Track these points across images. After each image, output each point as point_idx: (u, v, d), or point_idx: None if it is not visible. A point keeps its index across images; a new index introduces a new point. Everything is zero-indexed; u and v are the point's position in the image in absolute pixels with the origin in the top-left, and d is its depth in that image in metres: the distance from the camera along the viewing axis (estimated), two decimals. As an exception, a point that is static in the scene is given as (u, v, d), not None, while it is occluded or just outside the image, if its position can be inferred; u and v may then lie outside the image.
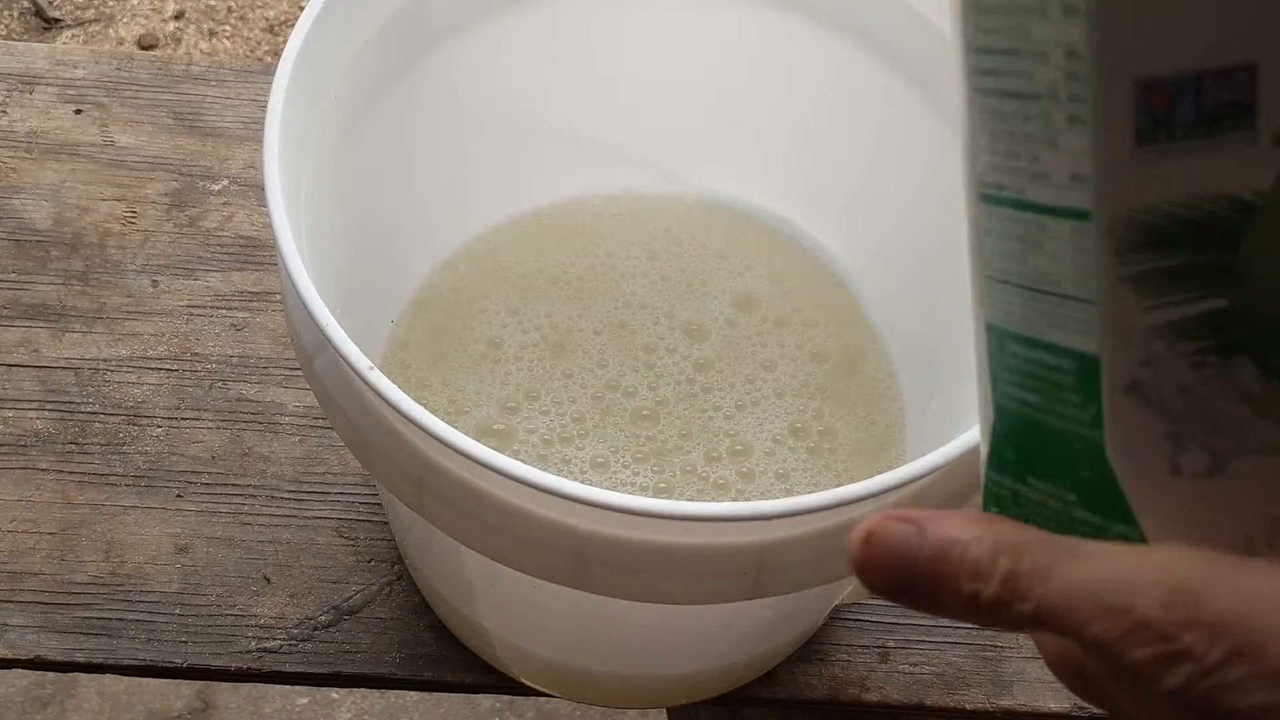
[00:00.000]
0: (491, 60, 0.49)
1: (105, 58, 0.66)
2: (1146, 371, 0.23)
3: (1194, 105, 0.21)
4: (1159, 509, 0.24)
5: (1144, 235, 0.22)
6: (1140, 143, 0.21)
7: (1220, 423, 0.23)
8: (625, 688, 0.52)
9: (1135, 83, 0.21)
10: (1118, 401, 0.23)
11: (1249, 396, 0.23)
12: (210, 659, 0.51)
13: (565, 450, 0.48)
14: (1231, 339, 0.22)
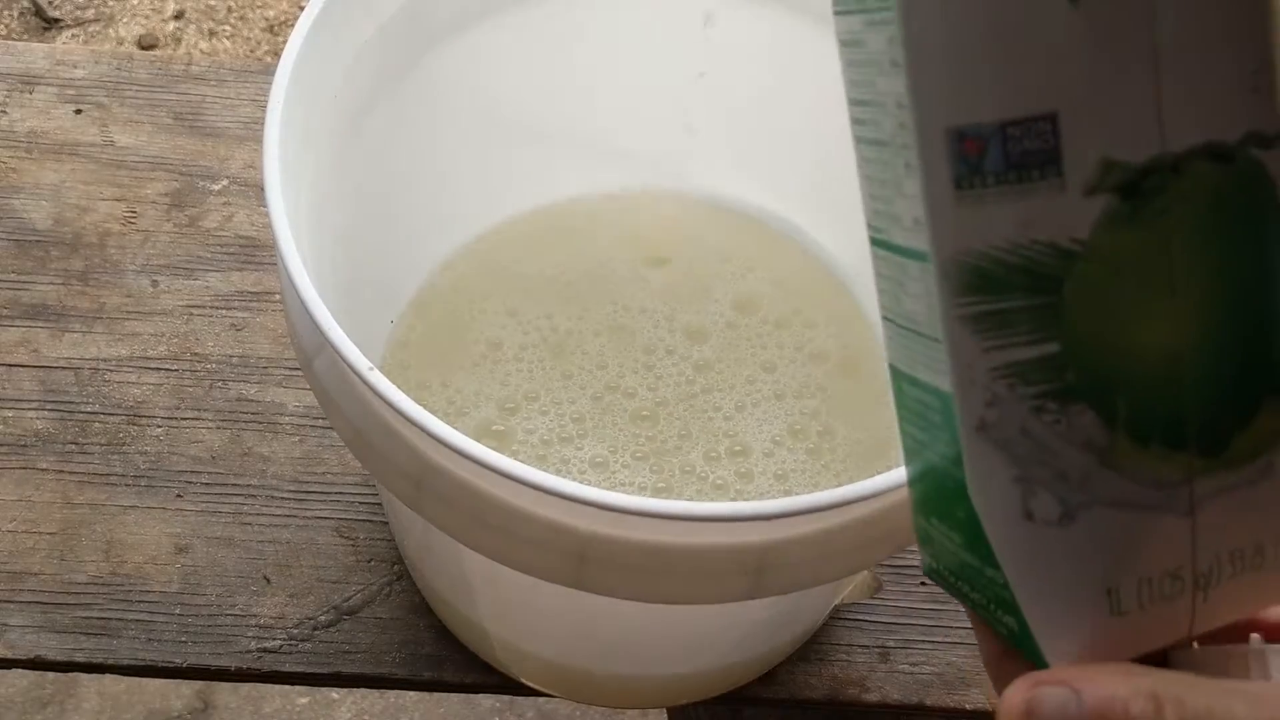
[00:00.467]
0: (492, 60, 0.49)
1: (105, 58, 0.66)
2: (992, 412, 0.23)
3: (1002, 153, 0.21)
4: (1017, 555, 0.24)
5: (974, 277, 0.22)
6: (959, 188, 0.22)
7: (1066, 471, 0.23)
8: (625, 688, 0.52)
9: (948, 131, 0.21)
10: (971, 441, 0.23)
11: (1092, 446, 0.23)
12: (210, 659, 0.51)
13: (564, 450, 0.48)
14: (1068, 385, 0.23)
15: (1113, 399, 0.23)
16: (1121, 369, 0.23)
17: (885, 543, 0.36)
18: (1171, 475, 0.23)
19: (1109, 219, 0.22)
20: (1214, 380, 0.23)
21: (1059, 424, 0.23)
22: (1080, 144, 0.21)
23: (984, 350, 0.23)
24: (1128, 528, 0.23)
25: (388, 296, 0.52)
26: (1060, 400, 0.23)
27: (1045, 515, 0.23)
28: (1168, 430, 0.23)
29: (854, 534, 0.35)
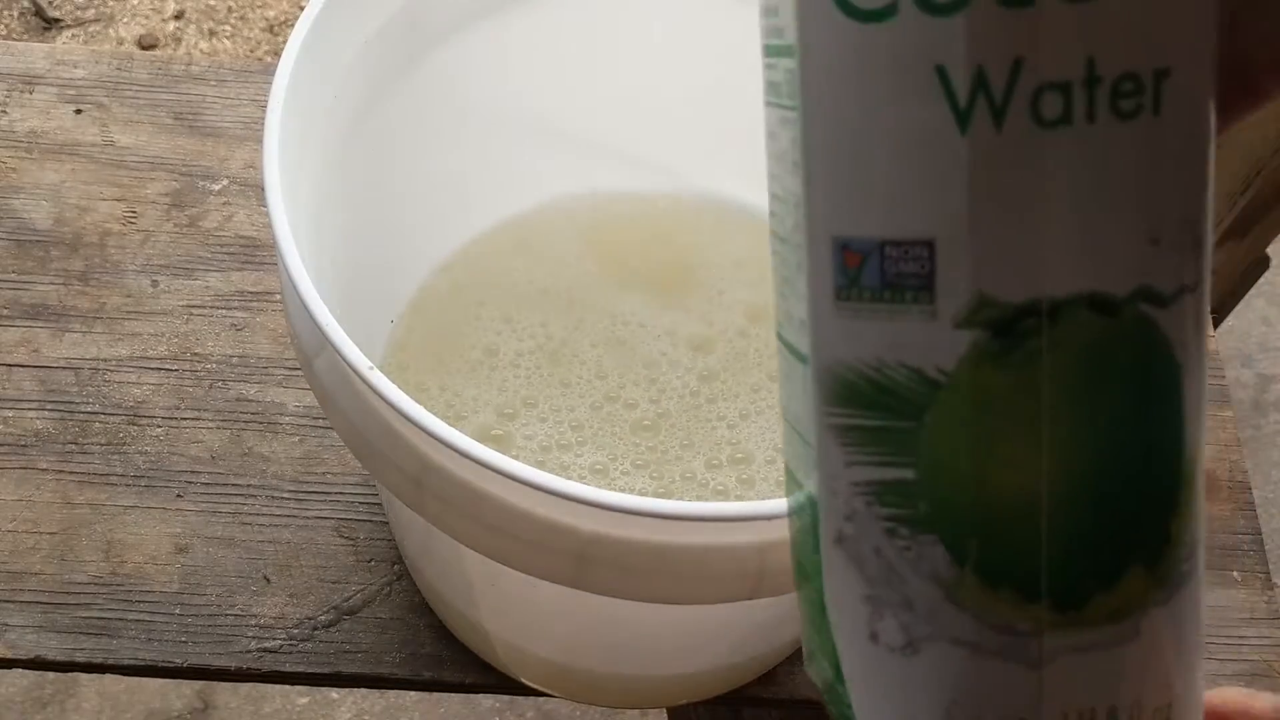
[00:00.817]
0: (492, 61, 0.49)
1: (105, 58, 0.66)
2: (850, 526, 0.22)
3: (879, 271, 0.21)
4: (860, 676, 0.23)
5: (843, 389, 0.22)
6: (838, 298, 0.21)
7: (913, 600, 0.22)
8: (625, 688, 0.52)
9: (833, 240, 0.21)
10: (830, 552, 0.23)
11: (940, 580, 0.22)
12: (210, 659, 0.51)
13: (563, 457, 0.48)
14: (920, 514, 0.22)
15: (964, 536, 0.22)
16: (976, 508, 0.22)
17: (885, 543, 0.36)
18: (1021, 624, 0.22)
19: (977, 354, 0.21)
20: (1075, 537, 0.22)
21: (909, 551, 0.22)
22: (954, 275, 0.21)
23: (847, 463, 0.22)
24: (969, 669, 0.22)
25: (387, 297, 0.52)
26: (912, 528, 0.22)
27: (890, 640, 0.23)
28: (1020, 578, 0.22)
29: (854, 534, 0.35)
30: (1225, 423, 0.59)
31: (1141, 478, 0.22)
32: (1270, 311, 1.31)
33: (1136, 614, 0.22)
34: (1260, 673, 0.53)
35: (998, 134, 0.20)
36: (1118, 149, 0.20)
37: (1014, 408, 0.21)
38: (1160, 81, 0.20)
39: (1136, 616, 0.22)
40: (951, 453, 0.22)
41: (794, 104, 0.21)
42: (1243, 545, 0.56)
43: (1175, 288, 0.21)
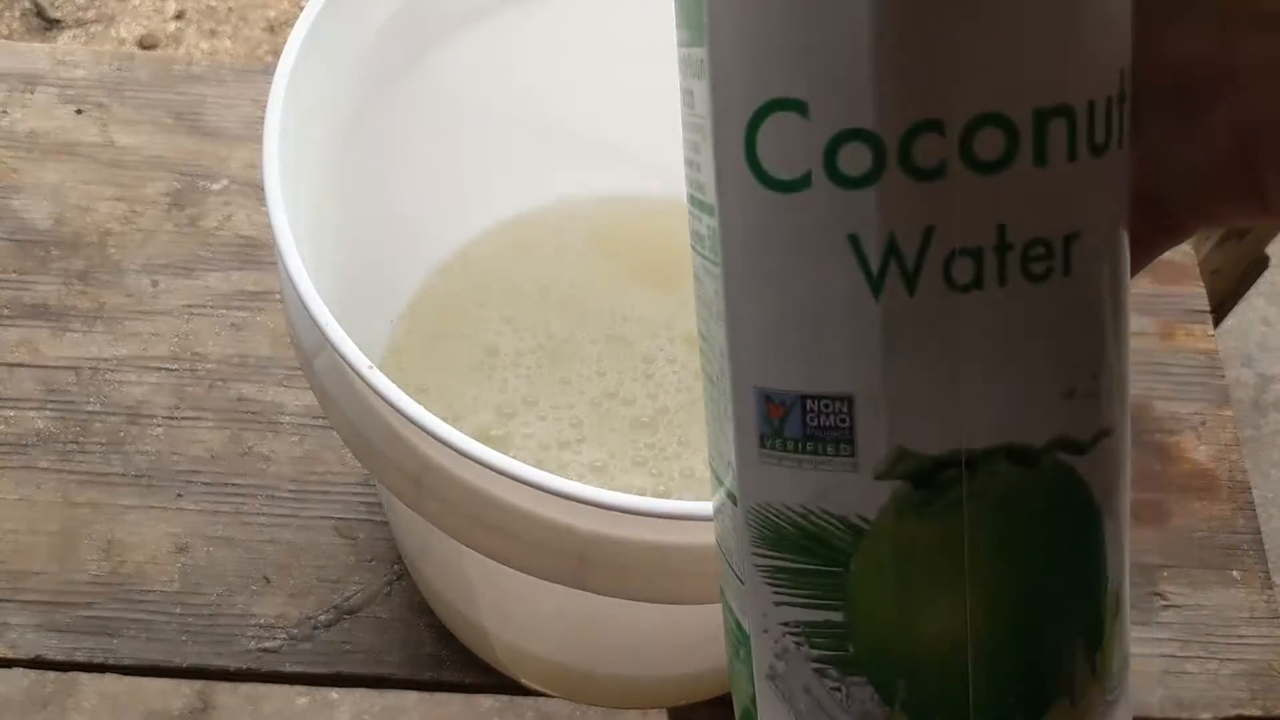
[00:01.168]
0: (492, 60, 0.49)
1: (106, 58, 0.66)
2: (781, 664, 0.23)
3: (801, 423, 0.22)
4: None
5: (771, 532, 0.22)
6: (762, 446, 0.22)
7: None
8: (625, 688, 0.52)
9: (756, 390, 0.22)
10: (761, 686, 0.23)
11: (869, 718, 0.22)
12: (210, 659, 0.51)
13: (563, 455, 0.48)
14: (849, 655, 0.22)
15: (892, 678, 0.22)
16: (903, 651, 0.22)
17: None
18: None
19: (898, 505, 0.21)
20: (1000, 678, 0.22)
21: (838, 691, 0.23)
22: (873, 429, 0.21)
23: (776, 603, 0.23)
24: None
25: (387, 297, 0.52)
26: (841, 668, 0.22)
27: None
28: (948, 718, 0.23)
29: (854, 534, 0.35)
30: (1225, 423, 0.59)
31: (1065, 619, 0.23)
32: (1270, 311, 1.31)
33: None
34: (1260, 672, 0.53)
35: (910, 297, 0.20)
36: (1029, 309, 0.21)
37: (936, 556, 0.22)
38: (1070, 244, 0.21)
39: None
40: (877, 598, 0.22)
41: (716, 260, 0.22)
42: (1243, 545, 0.56)
43: (1092, 434, 0.22)
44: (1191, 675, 0.53)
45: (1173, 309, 0.63)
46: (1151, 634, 0.54)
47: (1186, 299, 0.63)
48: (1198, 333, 0.62)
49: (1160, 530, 0.57)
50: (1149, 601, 0.55)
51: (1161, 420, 0.60)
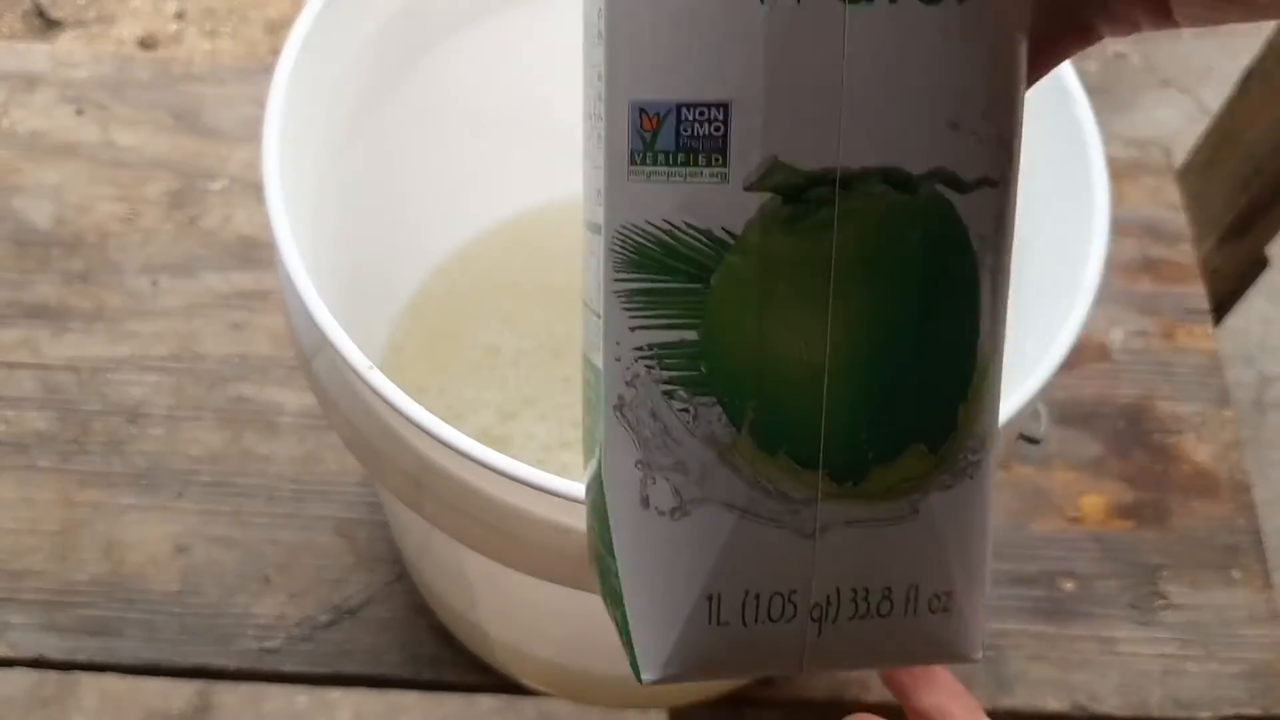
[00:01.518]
0: (492, 60, 0.49)
1: (106, 58, 0.66)
2: (630, 391, 0.23)
3: (675, 134, 0.22)
4: (629, 543, 0.23)
5: (633, 252, 0.22)
6: (633, 162, 0.22)
7: (686, 463, 0.22)
8: (625, 688, 0.52)
9: (630, 105, 0.22)
10: (609, 420, 0.23)
11: (715, 442, 0.22)
12: (210, 659, 0.51)
13: (564, 456, 0.48)
14: (700, 375, 0.22)
15: (743, 399, 0.22)
16: (757, 371, 0.22)
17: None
18: (796, 491, 0.22)
19: (766, 219, 0.21)
20: (857, 408, 0.22)
21: (686, 413, 0.22)
22: (749, 139, 0.21)
23: (632, 328, 0.23)
24: (739, 534, 0.22)
25: (386, 298, 0.52)
26: (691, 389, 0.22)
27: (660, 505, 0.23)
28: (798, 445, 0.22)
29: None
30: (1225, 423, 0.59)
31: (930, 359, 0.23)
32: (1270, 311, 1.31)
33: (916, 494, 0.23)
34: (1260, 672, 0.53)
35: (798, 5, 0.21)
36: (919, 30, 0.21)
37: (801, 274, 0.22)
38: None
39: (916, 497, 0.23)
40: (736, 315, 0.22)
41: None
42: (1243, 545, 0.56)
43: (976, 177, 0.22)
44: (1191, 675, 0.53)
45: (1173, 309, 0.63)
46: (1151, 634, 0.54)
47: (1186, 299, 0.63)
48: (1198, 333, 0.62)
49: (1160, 530, 0.57)
50: (1149, 601, 0.55)
51: (1162, 420, 0.60)
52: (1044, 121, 0.40)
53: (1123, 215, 0.66)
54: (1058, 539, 0.56)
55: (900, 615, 0.23)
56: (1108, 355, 0.61)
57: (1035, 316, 0.39)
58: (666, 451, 0.23)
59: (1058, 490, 0.57)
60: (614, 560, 0.24)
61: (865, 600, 0.23)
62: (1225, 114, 0.74)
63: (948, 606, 0.24)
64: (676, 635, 0.23)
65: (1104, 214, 0.37)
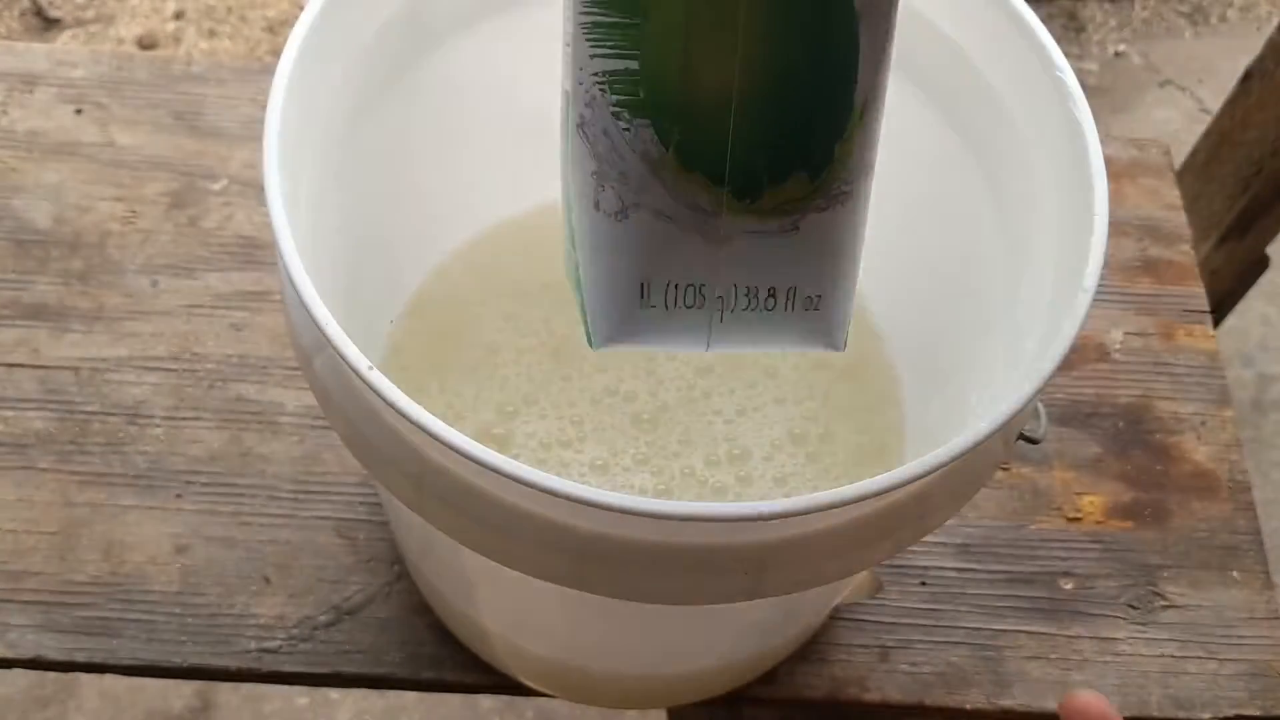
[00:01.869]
0: (492, 60, 0.49)
1: (105, 58, 0.66)
2: (589, 111, 0.28)
3: None
4: (587, 237, 0.29)
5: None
6: None
7: (627, 174, 0.28)
8: (625, 688, 0.52)
9: None
10: (572, 137, 0.28)
11: (648, 158, 0.28)
12: (210, 659, 0.51)
13: (564, 454, 0.48)
14: (639, 99, 0.27)
15: (670, 122, 0.27)
16: (679, 97, 0.27)
17: (885, 543, 0.36)
18: (707, 203, 0.28)
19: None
20: (755, 135, 0.27)
21: (628, 132, 0.28)
22: None
23: (591, 55, 0.27)
24: (664, 235, 0.28)
25: (387, 297, 0.52)
26: (632, 112, 0.27)
27: (608, 208, 0.28)
28: (709, 164, 0.28)
29: (854, 534, 0.35)
30: (1225, 423, 0.60)
31: (814, 99, 0.28)
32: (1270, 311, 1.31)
33: (798, 214, 0.29)
34: (1260, 672, 0.53)
35: None
36: None
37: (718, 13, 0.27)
38: None
39: (797, 215, 0.29)
40: (665, 48, 0.27)
41: None
42: (1243, 545, 0.56)
43: None
44: (1191, 675, 0.53)
45: (1173, 309, 0.63)
46: (1151, 634, 0.54)
47: (1186, 299, 0.63)
48: (1198, 333, 0.62)
49: (1160, 530, 0.57)
50: (1149, 601, 0.55)
51: (1162, 420, 0.60)
52: (1044, 121, 0.40)
53: (1122, 215, 0.66)
54: (1057, 539, 0.56)
55: (782, 310, 0.30)
56: (1107, 355, 0.61)
57: (1035, 316, 0.39)
58: (613, 165, 0.28)
59: (1057, 490, 0.57)
60: (575, 252, 0.29)
61: (756, 296, 0.29)
62: (1225, 114, 0.74)
63: (818, 306, 0.30)
64: (617, 312, 0.30)
65: (1104, 214, 0.37)
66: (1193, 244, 0.65)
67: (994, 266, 0.44)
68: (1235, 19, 1.53)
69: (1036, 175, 0.41)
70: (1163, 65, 1.48)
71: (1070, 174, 0.38)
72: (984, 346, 0.44)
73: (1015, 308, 0.41)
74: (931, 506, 0.36)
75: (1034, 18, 0.40)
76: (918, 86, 0.46)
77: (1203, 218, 0.76)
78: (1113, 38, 1.51)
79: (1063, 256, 0.38)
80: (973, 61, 0.43)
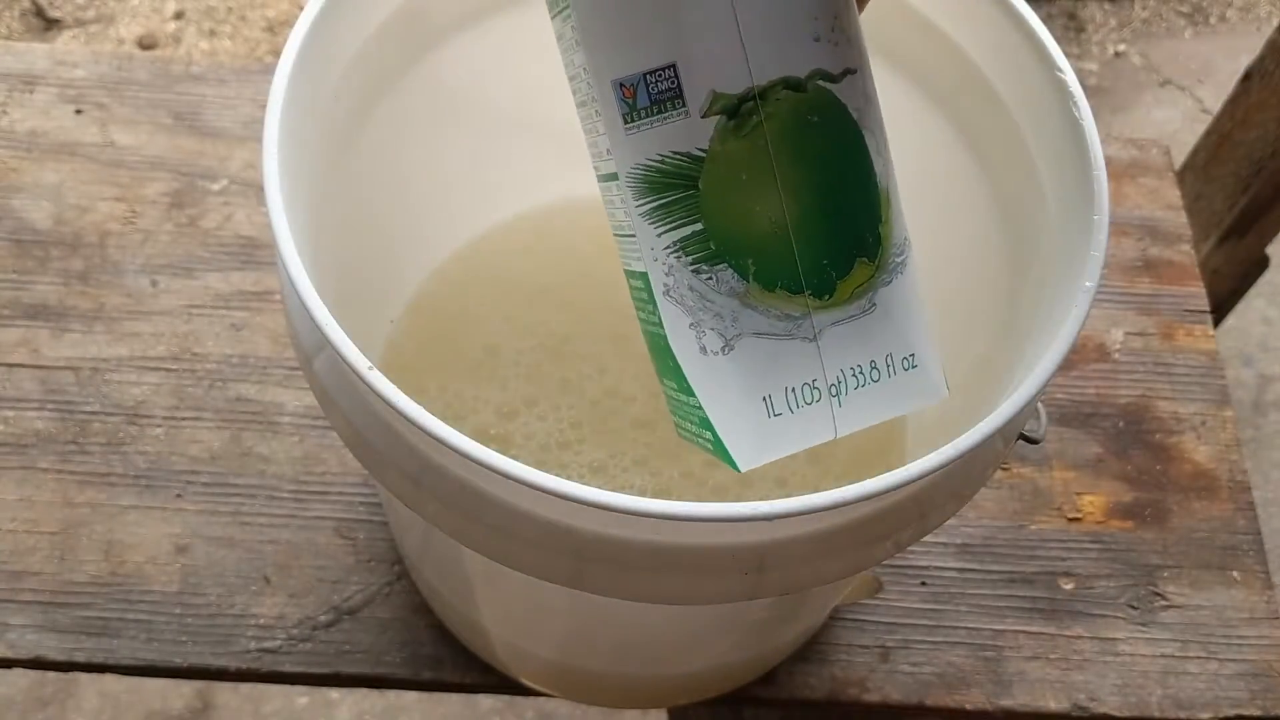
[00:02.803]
0: (491, 60, 0.49)
1: (105, 58, 0.66)
2: (670, 279, 0.33)
3: (647, 94, 0.32)
4: (702, 382, 0.33)
5: (643, 184, 0.32)
6: (625, 123, 0.32)
7: (720, 314, 0.33)
8: (625, 688, 0.52)
9: (613, 83, 0.32)
10: (662, 304, 0.33)
11: (735, 293, 0.32)
12: (210, 659, 0.51)
13: (563, 456, 0.48)
14: (712, 251, 0.32)
15: (744, 258, 0.32)
16: (746, 237, 0.32)
17: (885, 543, 0.36)
18: (795, 311, 0.33)
19: (721, 133, 0.32)
20: (815, 243, 0.33)
21: (710, 280, 0.32)
22: (695, 83, 0.31)
23: (658, 234, 0.32)
24: (768, 351, 0.33)
25: (386, 297, 0.52)
26: (709, 263, 0.32)
27: (713, 348, 0.33)
28: (786, 279, 0.33)
29: (854, 534, 0.35)
30: (1225, 423, 0.60)
31: (851, 198, 0.33)
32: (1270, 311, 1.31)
33: (870, 293, 0.34)
34: (1260, 672, 0.53)
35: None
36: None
37: (754, 163, 0.32)
38: None
39: (871, 294, 0.34)
40: (722, 202, 0.32)
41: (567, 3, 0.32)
42: (1243, 545, 0.56)
43: (841, 69, 0.33)
44: (1191, 675, 0.53)
45: (1173, 309, 0.63)
46: (1151, 634, 0.54)
47: (1186, 299, 0.63)
48: (1198, 333, 0.62)
49: (1160, 530, 0.57)
50: (1149, 601, 0.55)
51: (1162, 420, 0.60)
52: (1044, 121, 0.40)
53: (1122, 215, 0.66)
54: (1057, 539, 0.56)
55: (887, 377, 0.34)
56: (1107, 355, 0.61)
57: (1035, 316, 0.39)
58: (705, 310, 0.33)
59: (1057, 490, 0.57)
60: (694, 399, 0.33)
61: (862, 373, 0.34)
62: (1225, 114, 0.74)
63: (916, 363, 0.35)
64: (751, 432, 0.33)
65: (1104, 214, 0.37)
66: (1193, 244, 0.65)
67: (994, 266, 0.44)
68: (1235, 19, 1.53)
69: (1036, 175, 0.41)
70: (1163, 65, 1.48)
71: (1070, 174, 0.38)
72: (984, 347, 0.44)
73: (1015, 308, 0.41)
74: (931, 506, 0.36)
75: (1034, 18, 0.40)
76: (918, 87, 0.46)
77: (1203, 218, 0.76)
78: (1113, 38, 1.51)
79: (1063, 256, 0.38)
80: (973, 61, 0.43)
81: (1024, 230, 0.42)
